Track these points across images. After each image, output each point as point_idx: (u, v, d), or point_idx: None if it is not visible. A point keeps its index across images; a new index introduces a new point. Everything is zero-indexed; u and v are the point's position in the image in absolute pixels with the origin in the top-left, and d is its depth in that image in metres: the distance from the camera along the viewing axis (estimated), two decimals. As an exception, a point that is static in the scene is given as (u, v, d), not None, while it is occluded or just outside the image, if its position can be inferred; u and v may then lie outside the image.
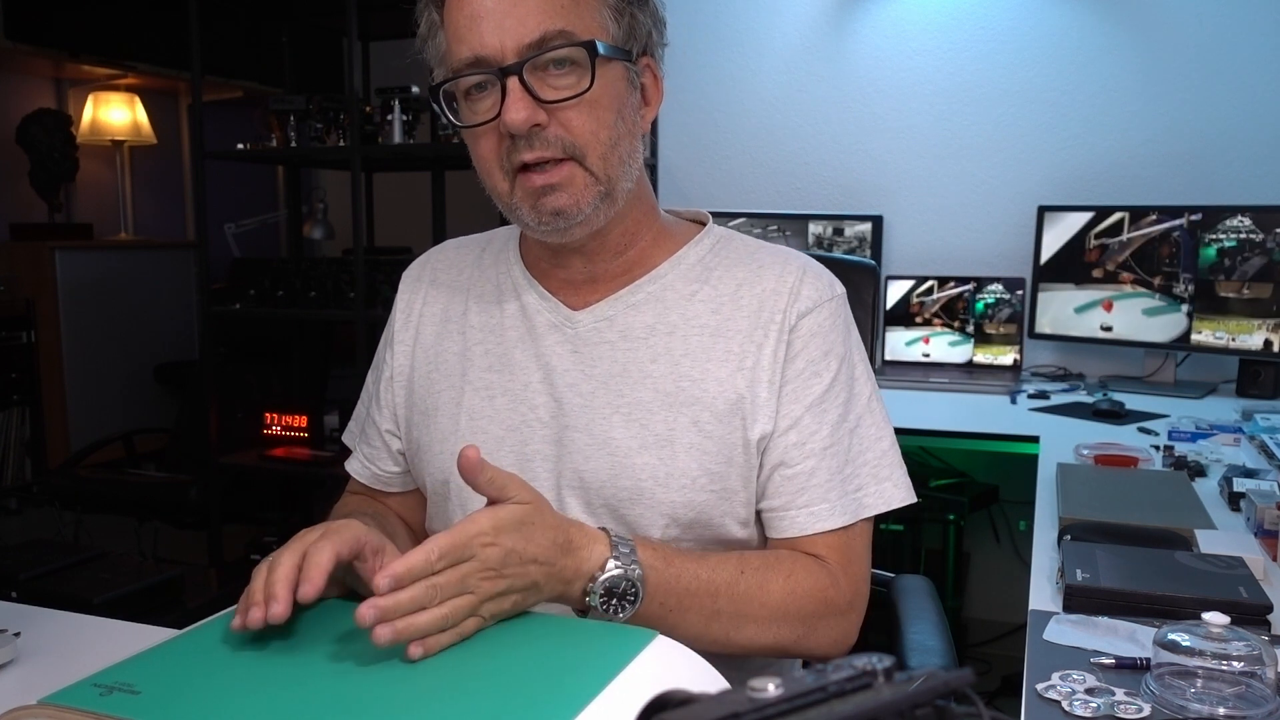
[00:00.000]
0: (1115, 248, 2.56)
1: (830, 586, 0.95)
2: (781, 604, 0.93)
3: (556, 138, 0.91)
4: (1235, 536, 1.27)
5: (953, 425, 2.19)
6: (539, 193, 0.92)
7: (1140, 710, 0.81)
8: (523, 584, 0.80)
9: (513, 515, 0.80)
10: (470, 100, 0.93)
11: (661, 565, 0.88)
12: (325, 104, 2.92)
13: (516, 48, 0.89)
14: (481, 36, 0.89)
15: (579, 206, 0.93)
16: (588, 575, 0.84)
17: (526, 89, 0.89)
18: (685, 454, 0.95)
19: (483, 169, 0.96)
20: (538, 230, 0.95)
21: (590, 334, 1.00)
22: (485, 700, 0.69)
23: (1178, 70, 2.61)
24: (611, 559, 0.84)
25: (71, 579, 1.99)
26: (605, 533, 0.87)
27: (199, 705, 0.69)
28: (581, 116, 0.91)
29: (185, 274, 4.54)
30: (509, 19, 0.89)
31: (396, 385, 1.10)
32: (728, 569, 0.92)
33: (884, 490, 1.00)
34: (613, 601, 0.84)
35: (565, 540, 0.83)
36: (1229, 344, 2.39)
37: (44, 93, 4.55)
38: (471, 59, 0.90)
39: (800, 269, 1.02)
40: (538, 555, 0.81)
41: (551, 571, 0.82)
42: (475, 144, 0.95)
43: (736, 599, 0.91)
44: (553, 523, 0.83)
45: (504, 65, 0.89)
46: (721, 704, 0.36)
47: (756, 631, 0.92)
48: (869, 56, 2.86)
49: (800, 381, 0.98)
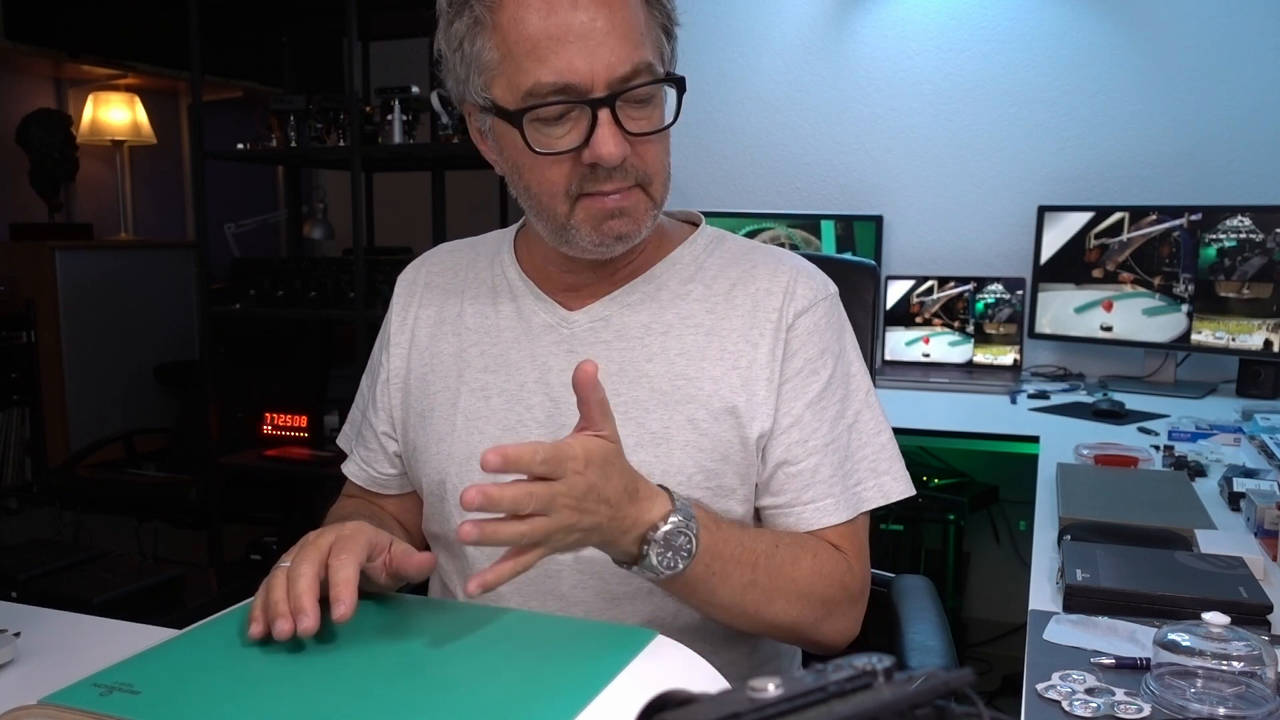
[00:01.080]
0: (1115, 248, 2.56)
1: (847, 572, 0.97)
2: (810, 582, 0.94)
3: (634, 168, 0.91)
4: (1235, 536, 1.27)
5: (953, 425, 2.19)
6: (607, 215, 0.92)
7: (1140, 710, 0.81)
8: (589, 522, 0.79)
9: (602, 450, 0.79)
10: (542, 124, 0.89)
11: (714, 528, 0.88)
12: (325, 104, 2.92)
13: (608, 79, 0.87)
14: (571, 62, 0.86)
15: (639, 230, 0.94)
16: (648, 524, 0.83)
17: (617, 122, 0.88)
18: (681, 452, 0.96)
19: (544, 191, 0.93)
20: (591, 250, 0.95)
21: (586, 334, 1.01)
22: (485, 700, 0.69)
23: (1178, 70, 2.61)
24: (674, 514, 0.84)
25: (71, 579, 1.99)
26: (666, 490, 0.86)
27: (199, 705, 0.69)
28: (655, 148, 0.92)
29: (185, 274, 4.54)
30: (602, 47, 0.86)
31: (393, 388, 1.10)
32: (765, 541, 0.93)
33: (883, 484, 1.01)
34: (668, 554, 0.83)
35: (634, 488, 0.82)
36: (1229, 344, 2.39)
37: (44, 93, 4.56)
38: (558, 85, 0.86)
39: (793, 269, 1.03)
40: (610, 497, 0.80)
41: (615, 516, 0.81)
42: (543, 169, 0.92)
43: (772, 571, 0.92)
44: (628, 469, 0.83)
45: (595, 96, 0.87)
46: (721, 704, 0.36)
47: (784, 607, 0.93)
48: (869, 56, 2.86)
49: (799, 380, 0.99)
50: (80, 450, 3.59)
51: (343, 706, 0.68)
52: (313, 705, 0.69)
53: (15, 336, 3.98)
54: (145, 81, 4.63)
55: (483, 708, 0.68)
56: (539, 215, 0.96)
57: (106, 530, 3.20)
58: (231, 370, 3.54)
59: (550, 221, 0.95)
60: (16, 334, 3.98)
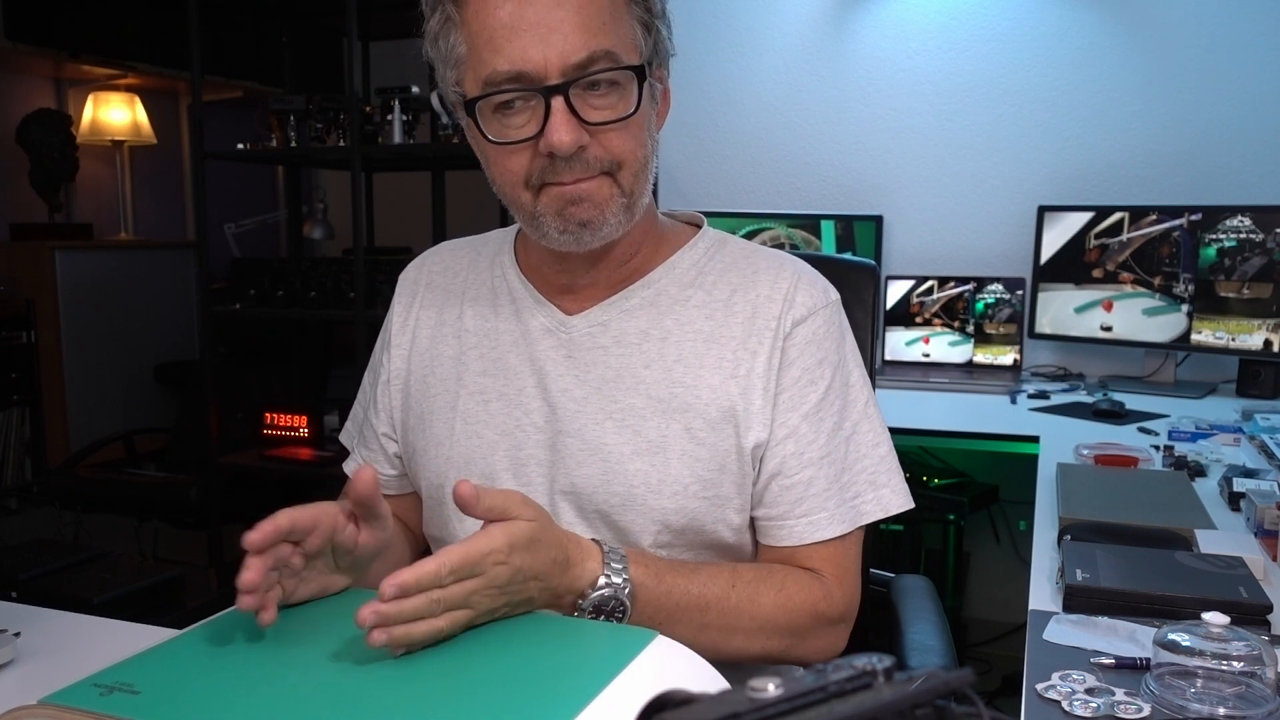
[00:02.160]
0: (1115, 248, 2.56)
1: (823, 599, 0.95)
2: (771, 617, 0.93)
3: (596, 158, 0.90)
4: (1235, 536, 1.27)
5: (952, 425, 2.19)
6: (568, 201, 0.91)
7: (1140, 710, 0.80)
8: (519, 599, 0.81)
9: (525, 533, 0.80)
10: (500, 113, 0.89)
11: (653, 582, 0.87)
12: (325, 104, 2.92)
13: (562, 66, 0.86)
14: (524, 50, 0.86)
15: (604, 218, 0.92)
16: (579, 591, 0.84)
17: (572, 110, 0.87)
18: (678, 461, 0.95)
19: (506, 181, 0.93)
20: (559, 240, 0.94)
21: (584, 339, 1.00)
22: (485, 700, 0.69)
23: (1178, 70, 2.61)
24: (602, 576, 0.84)
25: (71, 579, 1.99)
26: (598, 545, 0.87)
27: (199, 705, 0.69)
28: (622, 136, 0.90)
29: (185, 274, 4.54)
30: (554, 34, 0.85)
31: (393, 389, 1.09)
32: (719, 583, 0.92)
33: (881, 496, 1.00)
34: (600, 617, 0.85)
35: (564, 557, 0.83)
36: (1229, 344, 2.39)
37: (44, 93, 4.55)
38: (512, 73, 0.86)
39: (794, 275, 1.01)
40: (539, 573, 0.81)
41: (547, 587, 0.82)
42: (503, 159, 0.92)
43: (726, 613, 0.91)
44: (555, 539, 0.83)
45: (548, 84, 0.86)
46: (721, 704, 0.37)
47: (744, 642, 0.93)
48: (869, 56, 2.86)
49: (796, 390, 0.97)
50: (80, 450, 3.59)
51: (342, 706, 0.68)
52: (312, 705, 0.69)
53: (15, 336, 3.97)
54: (145, 81, 4.63)
55: (483, 707, 0.68)
56: (511, 207, 0.95)
57: (106, 530, 3.20)
58: (231, 370, 3.54)
59: (520, 212, 0.94)
60: (16, 334, 3.98)
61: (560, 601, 0.84)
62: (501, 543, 0.78)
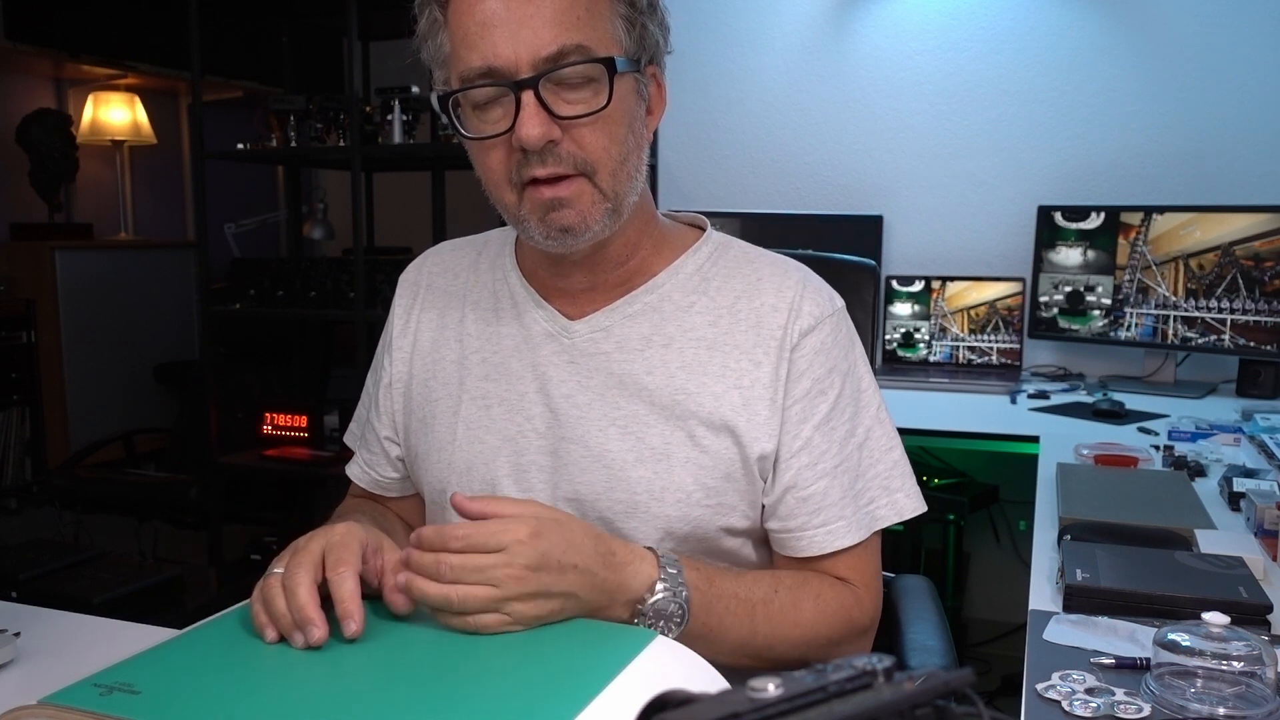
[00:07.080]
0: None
1: (854, 607, 0.96)
2: (812, 625, 0.93)
3: (569, 154, 0.89)
4: (1235, 536, 1.27)
5: (953, 425, 2.18)
6: (548, 206, 0.90)
7: (1140, 710, 0.80)
8: (559, 589, 0.79)
9: (549, 514, 0.80)
10: (479, 110, 0.90)
11: (705, 586, 0.87)
12: (325, 104, 2.92)
13: (532, 60, 0.86)
14: (495, 46, 0.86)
15: (586, 223, 0.91)
16: (635, 595, 0.83)
17: (542, 104, 0.86)
18: (681, 469, 0.94)
19: (489, 180, 0.93)
20: (545, 243, 0.93)
21: (586, 344, 0.99)
22: (485, 700, 0.69)
23: (1178, 70, 2.61)
24: (660, 581, 0.84)
25: (71, 579, 2.00)
26: (652, 551, 0.86)
27: (199, 705, 0.69)
28: (595, 133, 0.89)
29: (185, 274, 4.54)
30: (524, 29, 0.85)
31: (395, 392, 1.09)
32: (763, 587, 0.92)
33: (896, 501, 1.00)
34: (659, 623, 0.84)
35: (608, 551, 0.83)
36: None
37: (44, 93, 4.55)
38: (483, 69, 0.87)
39: (800, 283, 1.00)
40: (578, 562, 0.80)
41: (594, 582, 0.81)
42: (483, 155, 0.92)
43: (771, 618, 0.91)
44: (592, 530, 0.83)
45: (518, 79, 0.86)
46: (721, 704, 0.37)
47: (787, 651, 0.92)
48: (869, 56, 2.86)
49: (807, 401, 0.96)
50: (80, 450, 3.59)
51: (342, 706, 0.68)
52: (312, 705, 0.69)
53: (15, 336, 3.98)
54: (145, 81, 4.63)
55: (483, 707, 0.68)
56: (498, 207, 0.95)
57: (106, 530, 3.20)
58: (231, 370, 3.53)
59: (505, 212, 0.94)
60: (16, 334, 3.98)
61: (611, 606, 0.82)
62: (521, 515, 0.80)
